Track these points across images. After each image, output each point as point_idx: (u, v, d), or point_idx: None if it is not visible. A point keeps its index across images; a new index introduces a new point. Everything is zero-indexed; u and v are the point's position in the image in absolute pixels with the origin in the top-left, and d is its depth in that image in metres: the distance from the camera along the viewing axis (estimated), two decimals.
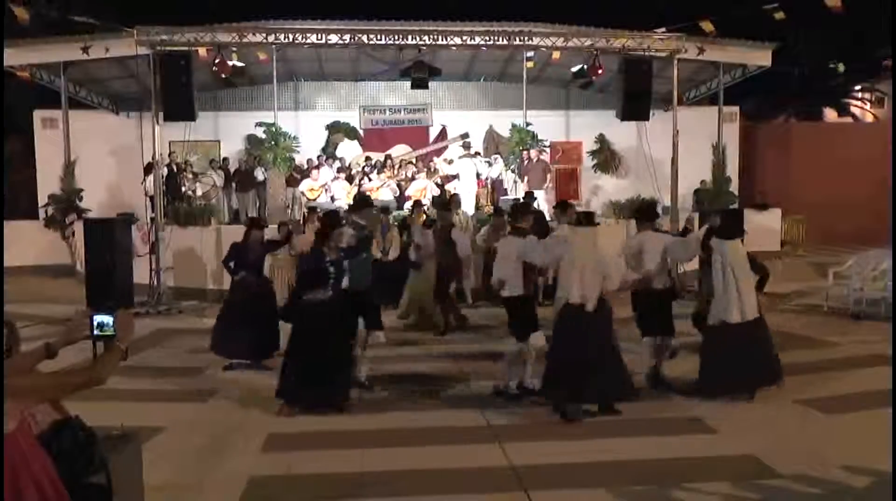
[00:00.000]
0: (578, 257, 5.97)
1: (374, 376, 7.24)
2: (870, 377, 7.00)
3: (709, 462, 5.11)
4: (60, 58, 13.95)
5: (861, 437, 5.45)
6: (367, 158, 16.72)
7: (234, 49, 12.91)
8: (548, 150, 16.17)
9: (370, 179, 15.09)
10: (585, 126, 17.73)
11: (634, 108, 13.13)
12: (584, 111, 17.85)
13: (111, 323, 2.76)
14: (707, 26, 13.00)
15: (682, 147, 13.31)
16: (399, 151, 17.50)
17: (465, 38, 12.94)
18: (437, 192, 14.54)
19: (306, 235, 9.77)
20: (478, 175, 15.46)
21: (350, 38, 12.72)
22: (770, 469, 4.94)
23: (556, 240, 6.68)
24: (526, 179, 14.66)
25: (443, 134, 18.00)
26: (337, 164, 15.81)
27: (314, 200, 14.22)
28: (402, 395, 6.87)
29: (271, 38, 12.58)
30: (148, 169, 13.43)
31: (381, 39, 12.85)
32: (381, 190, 14.57)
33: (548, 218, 11.12)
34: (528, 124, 14.84)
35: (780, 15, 12.62)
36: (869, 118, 24.92)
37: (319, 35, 12.66)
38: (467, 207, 14.02)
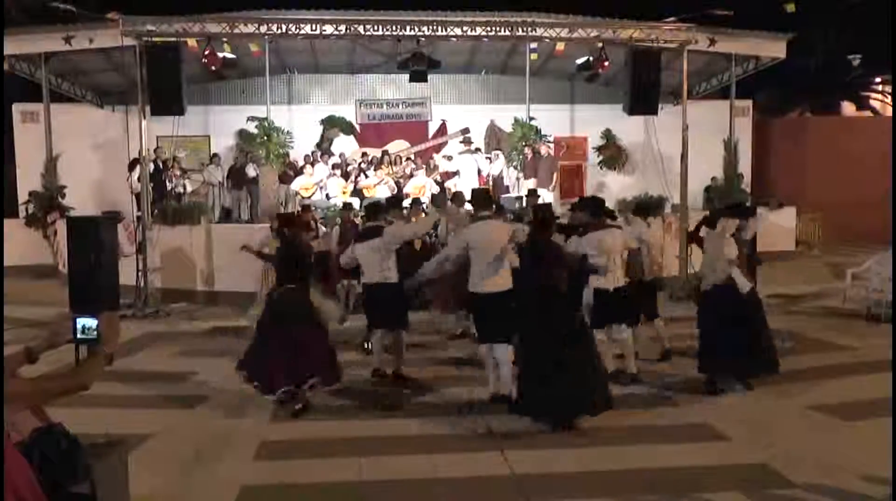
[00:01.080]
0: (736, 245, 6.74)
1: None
2: (887, 383, 6.64)
3: (719, 471, 5.01)
4: (41, 48, 13.72)
5: (878, 445, 5.13)
6: (364, 154, 16.46)
7: (225, 40, 12.72)
8: (552, 145, 15.83)
9: (366, 176, 14.87)
10: (591, 121, 17.47)
11: (642, 102, 12.73)
12: (589, 105, 17.57)
13: (95, 326, 2.74)
14: (722, 11, 12.63)
15: (692, 143, 12.99)
16: (397, 146, 17.23)
17: (465, 28, 12.65)
18: (436, 189, 14.26)
19: (335, 231, 9.78)
20: (479, 172, 15.19)
21: (346, 29, 12.45)
22: (783, 477, 4.85)
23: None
24: (535, 177, 14.25)
25: (442, 129, 17.72)
26: (332, 160, 15.54)
27: (308, 197, 13.97)
28: (400, 400, 6.73)
29: (263, 29, 12.33)
30: (132, 165, 13.16)
31: (377, 30, 12.56)
32: (378, 187, 14.28)
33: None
34: (531, 119, 14.53)
35: (791, 7, 12.26)
36: (889, 112, 24.20)
37: (314, 26, 12.40)
38: (468, 204, 13.62)
